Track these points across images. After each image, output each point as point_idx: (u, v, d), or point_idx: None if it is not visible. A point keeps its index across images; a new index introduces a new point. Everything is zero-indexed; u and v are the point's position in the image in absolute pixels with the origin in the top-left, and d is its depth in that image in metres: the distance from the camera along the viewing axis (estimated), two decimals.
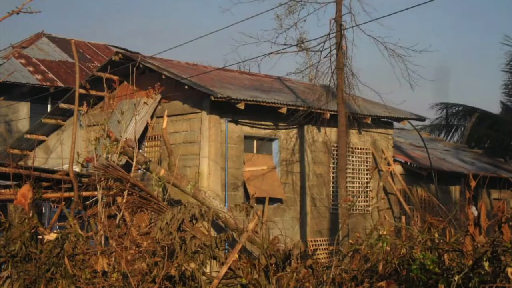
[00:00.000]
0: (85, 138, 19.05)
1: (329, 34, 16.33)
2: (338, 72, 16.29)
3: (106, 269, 8.99)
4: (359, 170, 19.69)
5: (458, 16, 71.67)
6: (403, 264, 7.73)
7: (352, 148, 19.28)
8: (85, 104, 14.83)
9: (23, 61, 25.54)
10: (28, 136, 21.58)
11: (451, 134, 33.55)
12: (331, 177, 19.03)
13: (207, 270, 10.02)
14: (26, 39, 27.93)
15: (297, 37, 17.01)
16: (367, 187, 19.79)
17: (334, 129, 17.69)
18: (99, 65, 22.56)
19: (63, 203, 12.10)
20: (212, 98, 16.09)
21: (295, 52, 17.15)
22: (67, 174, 13.23)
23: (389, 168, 20.10)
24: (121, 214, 11.25)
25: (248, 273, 8.73)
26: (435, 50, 37.70)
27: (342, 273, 8.49)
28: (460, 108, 33.49)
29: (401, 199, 19.90)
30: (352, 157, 19.42)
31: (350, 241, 10.97)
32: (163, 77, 17.17)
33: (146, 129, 17.41)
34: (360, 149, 19.80)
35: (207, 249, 9.01)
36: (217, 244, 9.12)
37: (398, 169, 20.71)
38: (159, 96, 17.27)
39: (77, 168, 13.25)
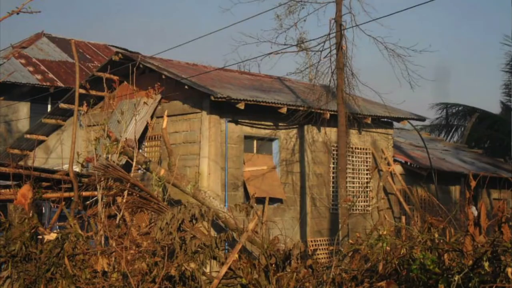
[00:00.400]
0: (85, 138, 19.04)
1: (329, 34, 16.35)
2: (338, 72, 16.29)
3: (106, 269, 9.00)
4: (359, 170, 19.68)
5: (458, 16, 71.68)
6: (403, 264, 7.72)
7: (352, 148, 19.27)
8: (85, 104, 14.82)
9: (23, 61, 25.53)
10: (28, 136, 21.57)
11: (451, 134, 33.55)
12: (331, 177, 19.02)
13: (207, 270, 10.02)
14: (26, 39, 27.91)
15: (297, 37, 17.16)
16: (367, 187, 19.78)
17: (334, 129, 17.69)
18: (99, 65, 22.55)
19: (63, 203, 12.10)
20: (212, 98, 16.09)
21: (295, 52, 17.23)
22: (67, 174, 13.22)
23: (389, 168, 20.09)
24: (121, 214, 11.24)
25: (248, 273, 8.73)
26: (435, 50, 37.64)
27: (342, 273, 8.49)
28: (460, 108, 33.47)
29: (401, 199, 19.89)
30: (352, 157, 19.41)
31: (350, 241, 10.96)
32: (163, 77, 17.17)
33: (146, 129, 17.41)
34: (360, 149, 19.79)
35: (207, 249, 9.01)
36: (217, 244, 9.12)
37: (398, 169, 20.69)
38: (159, 96, 17.27)
39: (77, 168, 13.25)
